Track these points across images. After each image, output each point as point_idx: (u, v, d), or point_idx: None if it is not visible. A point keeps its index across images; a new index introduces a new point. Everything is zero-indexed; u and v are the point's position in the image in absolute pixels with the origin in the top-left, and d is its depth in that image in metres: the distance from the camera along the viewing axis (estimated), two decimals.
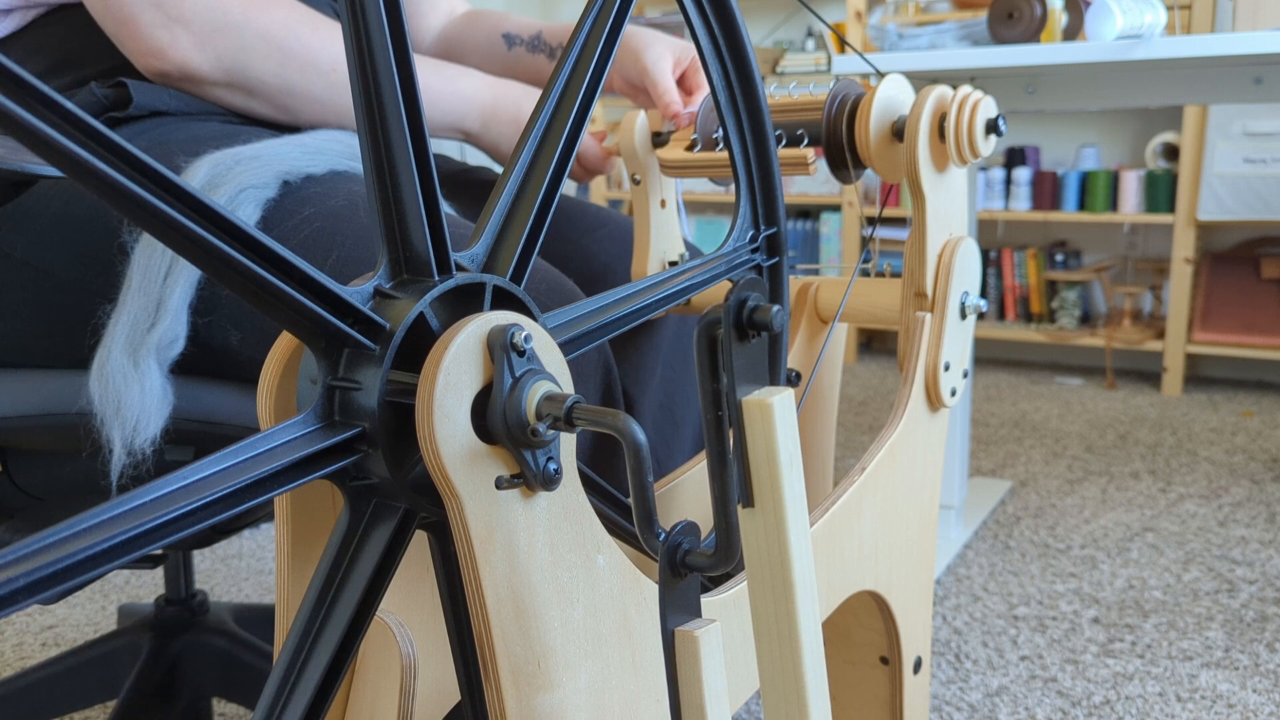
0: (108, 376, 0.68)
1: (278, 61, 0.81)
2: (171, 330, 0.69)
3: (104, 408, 0.68)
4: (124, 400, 0.67)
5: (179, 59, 0.79)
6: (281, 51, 0.81)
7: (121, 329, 0.68)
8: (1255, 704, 1.28)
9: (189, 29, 0.78)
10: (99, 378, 0.68)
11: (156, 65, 0.80)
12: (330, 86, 0.83)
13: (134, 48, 0.80)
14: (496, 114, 0.93)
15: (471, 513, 0.46)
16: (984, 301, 0.85)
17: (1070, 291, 3.06)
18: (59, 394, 0.75)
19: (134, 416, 0.67)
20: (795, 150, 0.82)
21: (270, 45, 0.81)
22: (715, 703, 0.48)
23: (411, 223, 0.48)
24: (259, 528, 1.83)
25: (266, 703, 0.46)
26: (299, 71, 0.82)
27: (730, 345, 0.47)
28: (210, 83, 0.81)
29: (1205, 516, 1.91)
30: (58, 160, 0.35)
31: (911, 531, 0.84)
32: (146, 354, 0.68)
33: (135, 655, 1.14)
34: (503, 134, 0.94)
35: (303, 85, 0.83)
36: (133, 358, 0.68)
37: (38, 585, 0.34)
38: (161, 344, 0.68)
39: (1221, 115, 2.69)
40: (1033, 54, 1.49)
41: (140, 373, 0.68)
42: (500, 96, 0.93)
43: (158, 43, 0.78)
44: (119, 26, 0.79)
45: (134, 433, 0.67)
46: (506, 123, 0.94)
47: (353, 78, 0.47)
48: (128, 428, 0.67)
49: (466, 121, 0.93)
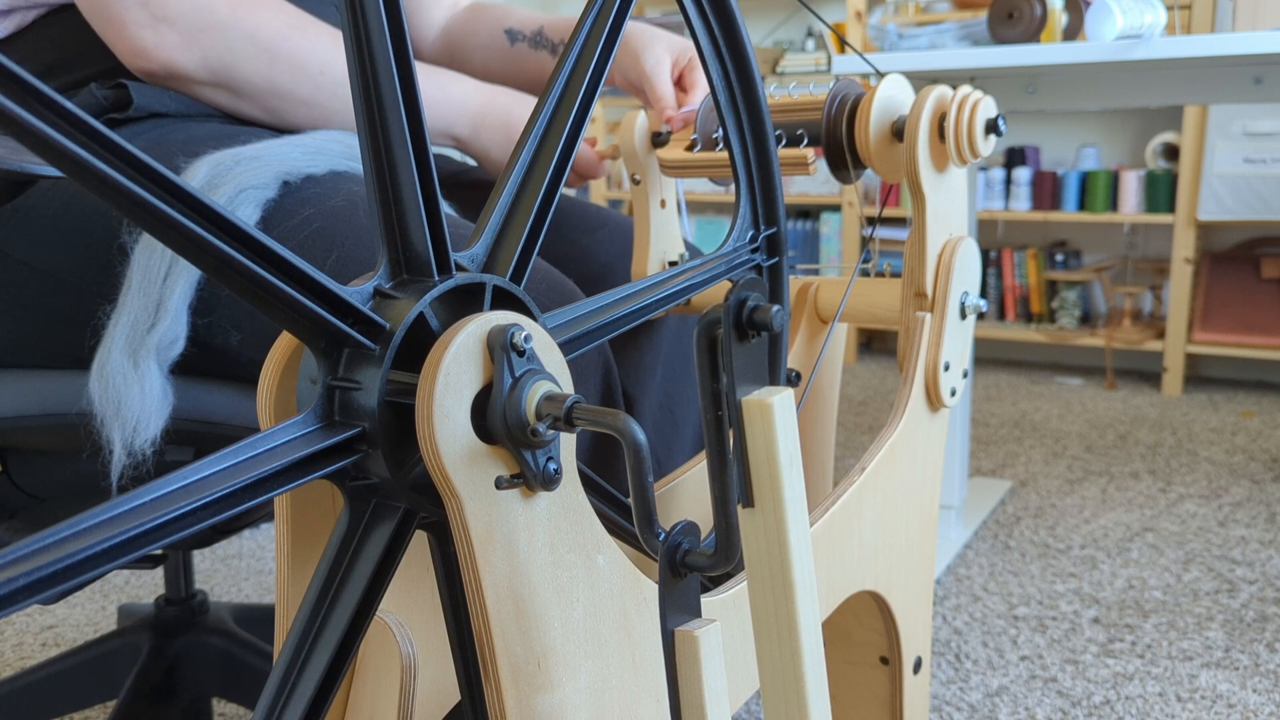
0: (108, 377, 0.68)
1: (265, 63, 0.81)
2: (171, 331, 0.69)
3: (104, 408, 0.68)
4: (124, 401, 0.67)
5: (164, 58, 0.78)
6: (269, 53, 0.81)
7: (121, 329, 0.68)
8: (1255, 704, 1.28)
9: (175, 28, 0.78)
10: (99, 378, 0.68)
11: (143, 64, 0.79)
12: (318, 89, 0.83)
13: (120, 47, 0.79)
14: (486, 120, 0.93)
15: (471, 513, 0.46)
16: (984, 301, 0.85)
17: (1070, 291, 3.06)
18: (59, 394, 0.75)
19: (134, 417, 0.67)
20: (795, 150, 0.82)
21: (258, 46, 0.80)
22: (715, 703, 0.48)
23: (411, 223, 0.48)
24: (259, 528, 1.83)
25: (266, 703, 0.46)
26: (287, 73, 0.82)
27: (730, 345, 0.47)
28: (196, 82, 0.81)
29: (1205, 516, 1.91)
30: (58, 160, 0.35)
31: (911, 531, 0.84)
32: (146, 354, 0.68)
33: (135, 655, 1.14)
34: (493, 140, 0.94)
35: (290, 87, 0.82)
36: (133, 358, 0.68)
37: (38, 585, 0.34)
38: (161, 344, 0.68)
39: (1221, 115, 2.69)
40: (1033, 54, 1.49)
41: (140, 373, 0.68)
42: (490, 103, 0.93)
43: (143, 42, 0.78)
44: (105, 25, 0.79)
45: (134, 433, 0.67)
46: (496, 129, 0.93)
47: (353, 78, 0.46)
48: (128, 428, 0.67)
49: (456, 127, 0.92)
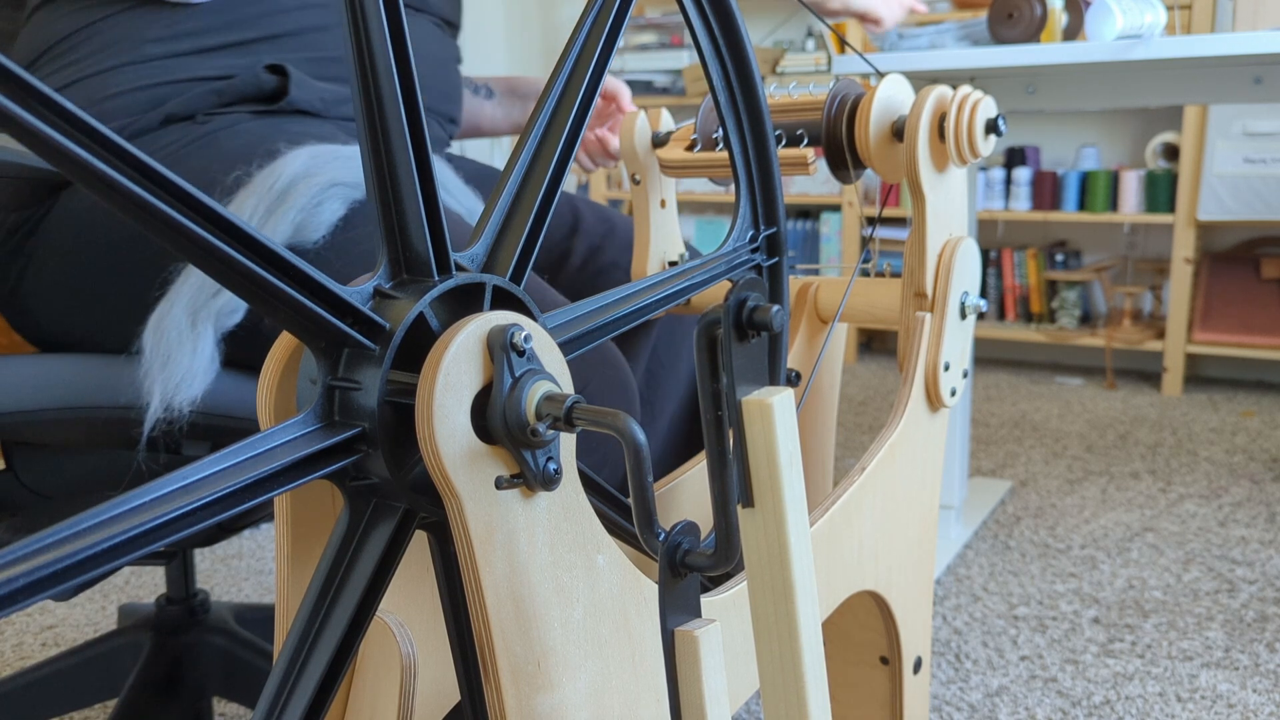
0: (164, 330, 0.68)
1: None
2: (234, 300, 0.69)
3: (153, 359, 0.68)
4: (174, 356, 0.68)
5: None
6: None
7: (188, 289, 0.69)
8: (1255, 704, 1.28)
9: None
10: (155, 331, 0.69)
11: None
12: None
13: None
14: None
15: (471, 513, 0.46)
16: (984, 301, 0.85)
17: (1070, 291, 3.06)
18: (77, 386, 0.75)
19: (180, 374, 0.68)
20: (795, 150, 0.82)
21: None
22: (715, 703, 0.48)
23: (411, 223, 0.48)
24: (259, 528, 1.84)
25: (266, 703, 0.46)
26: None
27: (730, 345, 0.47)
28: None
29: (1205, 516, 1.91)
30: (56, 159, 0.35)
31: (911, 531, 0.84)
32: (206, 318, 0.69)
33: (136, 654, 1.14)
34: None
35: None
36: (192, 319, 0.68)
37: (40, 584, 0.34)
38: (223, 311, 0.69)
39: (1221, 115, 2.68)
40: (1033, 54, 1.49)
41: (196, 334, 0.68)
42: None
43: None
44: None
45: (176, 389, 0.68)
46: None
47: (353, 77, 0.47)
48: (170, 383, 0.68)
49: None
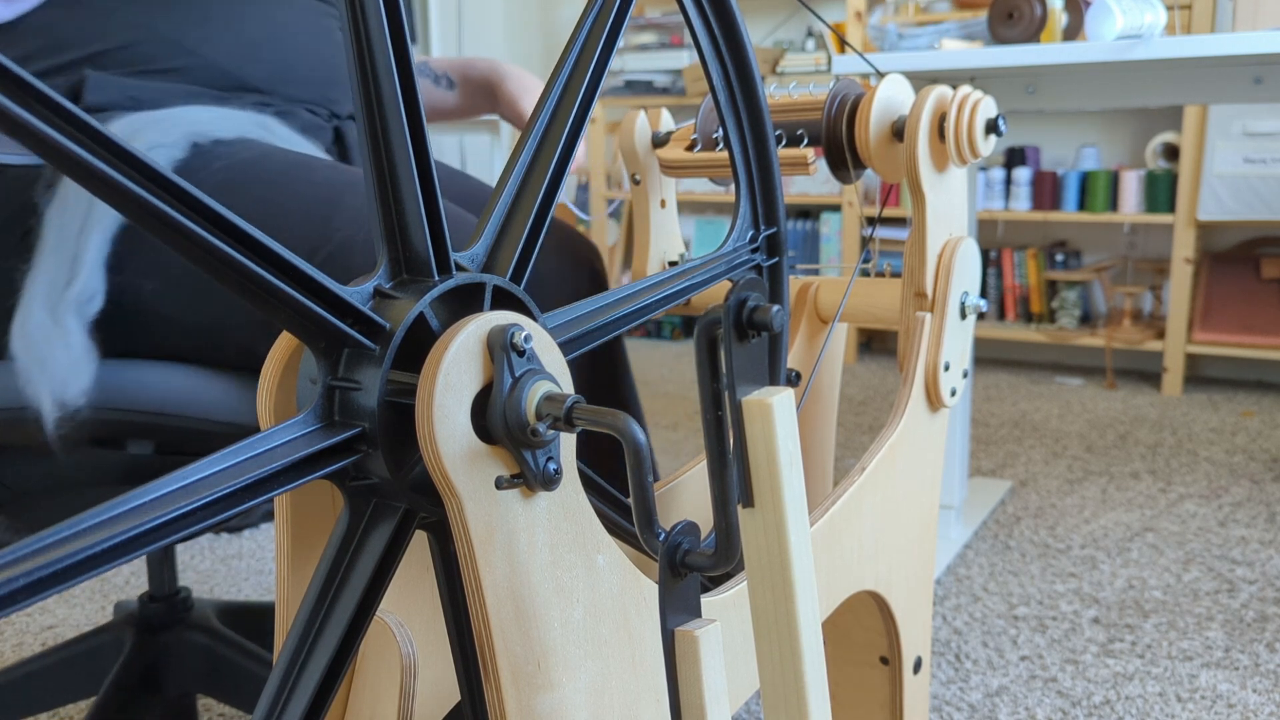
0: (29, 334, 0.67)
1: None
2: (89, 286, 0.68)
3: (29, 365, 0.67)
4: (48, 356, 0.67)
5: None
6: None
7: (40, 287, 0.68)
8: (1255, 704, 1.28)
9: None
10: (21, 337, 0.68)
11: None
12: None
13: None
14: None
15: (471, 513, 0.46)
16: (984, 301, 0.85)
17: (1070, 291, 3.06)
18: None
19: (60, 372, 0.67)
20: (795, 150, 0.82)
21: None
22: (715, 703, 0.48)
23: (411, 223, 0.48)
24: (259, 528, 1.83)
25: (266, 703, 0.46)
26: None
27: (730, 345, 0.47)
28: None
29: (1205, 516, 1.91)
30: (56, 159, 0.35)
31: (911, 531, 0.84)
32: (66, 310, 0.68)
33: (119, 651, 1.13)
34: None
35: None
36: (53, 315, 0.67)
37: (38, 585, 0.34)
38: (80, 299, 0.68)
39: (1221, 115, 2.68)
40: (1033, 54, 1.49)
41: (62, 329, 0.67)
42: None
43: None
44: None
45: (63, 386, 0.67)
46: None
47: (353, 78, 0.47)
48: (55, 382, 0.67)
49: None
